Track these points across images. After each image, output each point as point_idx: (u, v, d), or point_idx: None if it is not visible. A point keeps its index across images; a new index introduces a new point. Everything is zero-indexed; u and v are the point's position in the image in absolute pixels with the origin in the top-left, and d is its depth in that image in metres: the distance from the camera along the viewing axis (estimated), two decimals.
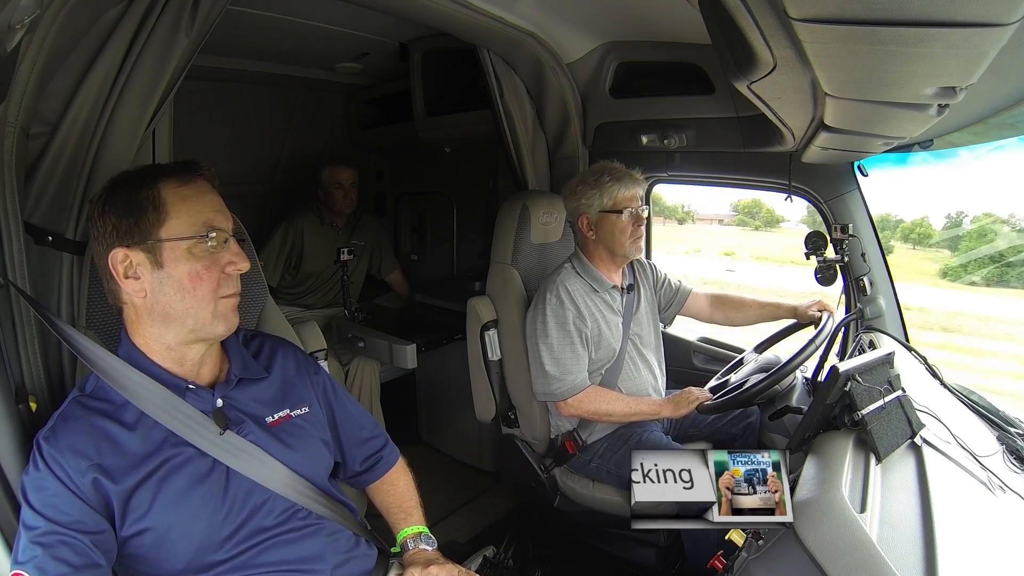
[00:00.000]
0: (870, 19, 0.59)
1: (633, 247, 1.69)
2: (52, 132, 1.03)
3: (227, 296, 0.91)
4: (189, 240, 0.87)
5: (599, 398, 1.66)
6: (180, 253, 0.87)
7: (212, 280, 0.89)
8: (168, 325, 0.90)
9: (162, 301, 0.88)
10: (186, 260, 0.88)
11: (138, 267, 0.88)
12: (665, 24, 1.69)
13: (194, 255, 0.88)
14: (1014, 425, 1.36)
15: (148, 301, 0.89)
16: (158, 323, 0.90)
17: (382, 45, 2.32)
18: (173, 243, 0.87)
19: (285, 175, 3.08)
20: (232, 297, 0.92)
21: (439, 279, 3.06)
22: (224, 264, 0.90)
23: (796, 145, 1.54)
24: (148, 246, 0.87)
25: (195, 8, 1.11)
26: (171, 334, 0.91)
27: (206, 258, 0.89)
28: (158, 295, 0.88)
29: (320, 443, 1.04)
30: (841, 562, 0.74)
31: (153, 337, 0.91)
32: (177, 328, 0.90)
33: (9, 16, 0.71)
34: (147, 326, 0.91)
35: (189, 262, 0.88)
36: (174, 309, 0.88)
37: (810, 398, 1.73)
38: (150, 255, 0.87)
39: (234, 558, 0.89)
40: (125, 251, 0.87)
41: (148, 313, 0.90)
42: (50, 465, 0.82)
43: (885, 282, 1.81)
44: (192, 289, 0.88)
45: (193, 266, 0.88)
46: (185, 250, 0.87)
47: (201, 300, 0.89)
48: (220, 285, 0.90)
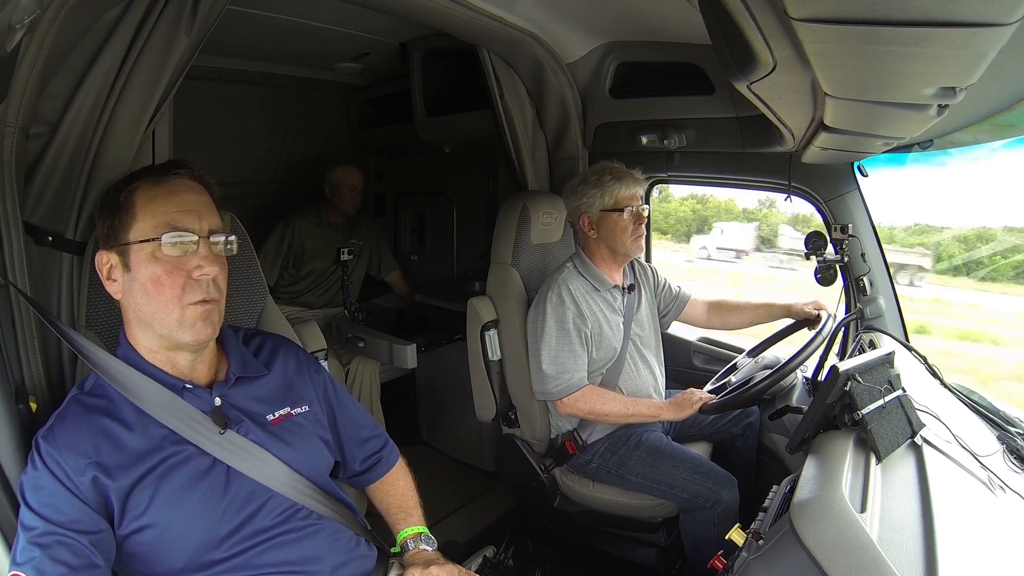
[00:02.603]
0: (870, 19, 0.59)
1: (634, 245, 1.70)
2: (52, 132, 1.03)
3: (195, 303, 0.87)
4: (151, 243, 0.85)
5: (596, 398, 1.66)
6: (144, 256, 0.86)
7: (175, 285, 0.86)
8: (144, 328, 0.90)
9: (132, 304, 0.88)
10: (148, 263, 0.86)
11: (113, 269, 0.88)
12: (665, 24, 1.69)
13: (156, 258, 0.86)
14: (1014, 425, 1.36)
15: (124, 301, 0.90)
16: (137, 325, 0.90)
17: (382, 45, 2.32)
18: (137, 246, 0.86)
19: (285, 175, 3.08)
20: (201, 304, 0.88)
21: (439, 279, 3.07)
22: (191, 268, 0.87)
23: (796, 145, 1.54)
24: (120, 249, 0.87)
25: (195, 8, 1.11)
26: (148, 337, 0.90)
27: (168, 262, 0.86)
28: (128, 298, 0.88)
29: (320, 442, 1.04)
30: (841, 562, 0.74)
31: (138, 338, 0.91)
32: (150, 332, 0.89)
33: (9, 16, 0.71)
34: (132, 327, 0.91)
35: (151, 265, 0.86)
36: (143, 312, 0.88)
37: (810, 398, 1.73)
38: (121, 258, 0.87)
39: (234, 557, 0.89)
40: (106, 253, 0.88)
41: (128, 315, 0.91)
42: (48, 464, 0.81)
43: (885, 282, 1.81)
44: (155, 294, 0.86)
45: (154, 270, 0.85)
46: (148, 253, 0.86)
47: (164, 306, 0.86)
48: (186, 291, 0.87)
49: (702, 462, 1.61)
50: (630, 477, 1.63)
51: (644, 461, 1.62)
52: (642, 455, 1.63)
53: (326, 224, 2.65)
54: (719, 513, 1.52)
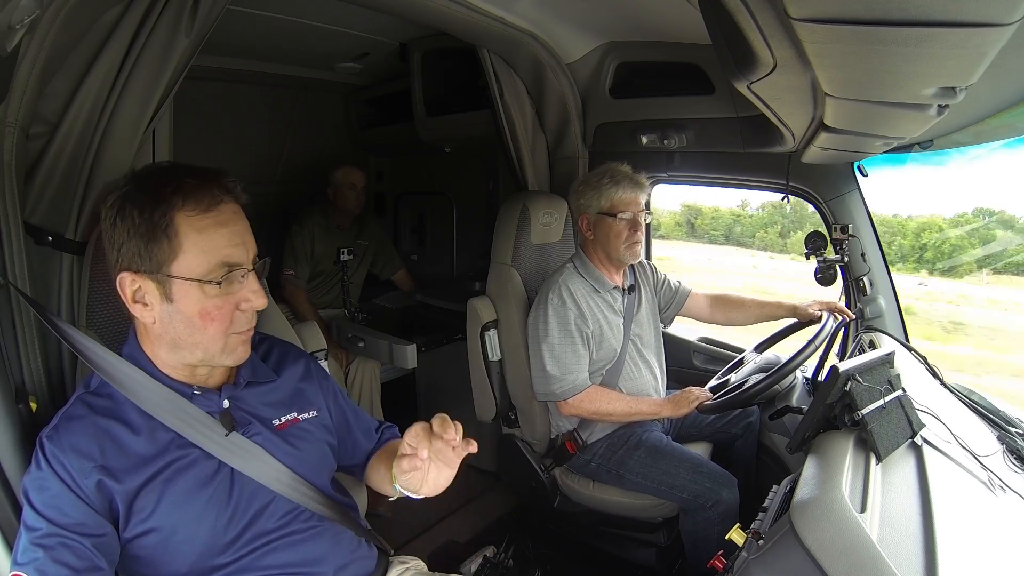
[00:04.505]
0: (870, 19, 0.59)
1: (628, 252, 1.68)
2: (52, 132, 1.03)
3: (239, 332, 0.88)
4: (201, 281, 0.83)
5: (599, 398, 1.66)
6: (191, 290, 0.83)
7: (224, 319, 0.85)
8: (177, 351, 0.87)
9: (171, 332, 0.85)
10: (197, 298, 0.83)
11: (147, 295, 0.84)
12: (665, 24, 1.69)
13: (206, 293, 0.83)
14: (1014, 425, 1.36)
15: (158, 328, 0.86)
16: (167, 346, 0.87)
17: (382, 45, 2.32)
18: (184, 281, 0.82)
19: (285, 175, 3.08)
20: (244, 333, 0.88)
21: (439, 279, 3.06)
22: (239, 300, 0.86)
23: (796, 145, 1.54)
24: (158, 278, 0.82)
25: (195, 8, 1.11)
26: (180, 357, 0.88)
27: (218, 297, 0.84)
28: (167, 326, 0.85)
29: (326, 447, 1.04)
30: (841, 562, 0.74)
31: (162, 356, 0.89)
32: (186, 355, 0.87)
33: (9, 16, 0.71)
34: (157, 346, 0.88)
35: (200, 300, 0.83)
36: (184, 341, 0.86)
37: (810, 398, 1.73)
38: (161, 287, 0.83)
39: (237, 561, 0.89)
40: (137, 279, 0.83)
41: (158, 337, 0.87)
42: (52, 465, 0.81)
43: (885, 282, 1.81)
44: (203, 327, 0.84)
45: (204, 305, 0.83)
46: (197, 287, 0.83)
47: (211, 337, 0.85)
48: (233, 322, 0.86)
49: (702, 462, 1.61)
50: (630, 477, 1.63)
51: (644, 461, 1.62)
52: (642, 455, 1.63)
53: (333, 227, 2.66)
54: (719, 513, 1.52)
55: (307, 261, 2.58)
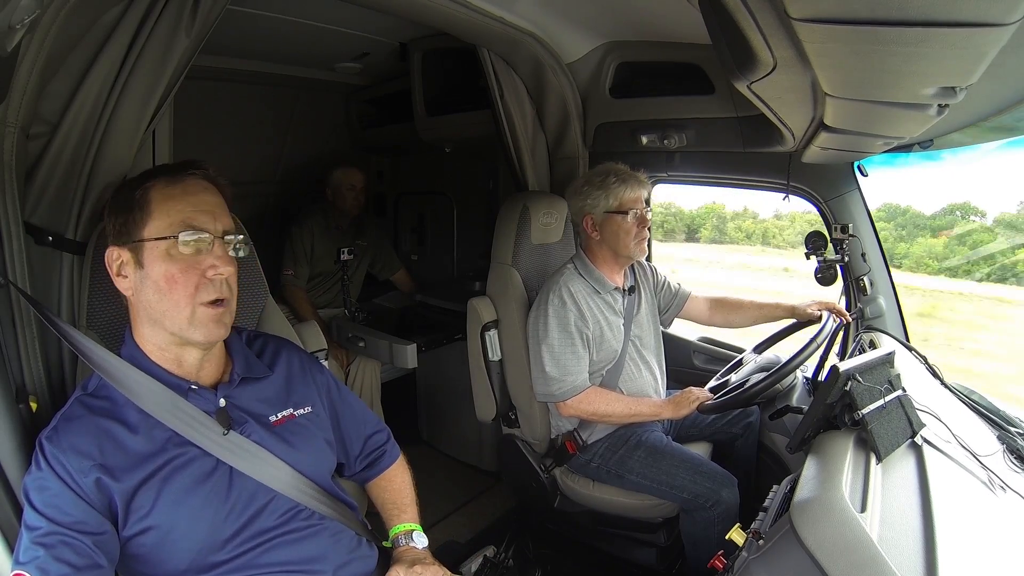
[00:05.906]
0: (870, 19, 0.59)
1: (637, 248, 1.70)
2: (52, 132, 1.03)
3: (206, 303, 0.88)
4: (166, 240, 0.86)
5: (599, 399, 1.66)
6: (158, 254, 0.87)
7: (188, 284, 0.87)
8: (154, 326, 0.90)
9: (143, 301, 0.89)
10: (162, 261, 0.87)
11: (124, 266, 0.89)
12: (665, 24, 1.69)
13: (171, 256, 0.87)
14: (1014, 424, 1.36)
15: (134, 300, 0.90)
16: (146, 323, 0.91)
17: (382, 45, 2.32)
18: (152, 243, 0.87)
19: (285, 175, 3.08)
20: (213, 306, 0.89)
21: (439, 279, 3.06)
22: (205, 268, 0.88)
23: (796, 145, 1.54)
24: (133, 246, 0.87)
25: (195, 8, 1.11)
26: (158, 335, 0.91)
27: (183, 260, 0.87)
28: (140, 295, 0.89)
29: (323, 442, 1.04)
30: (841, 562, 0.74)
31: (147, 337, 0.91)
32: (160, 329, 0.90)
33: (9, 16, 0.71)
34: (141, 324, 0.92)
35: (165, 263, 0.87)
36: (154, 310, 0.88)
37: (810, 398, 1.73)
38: (134, 255, 0.88)
39: (236, 558, 0.89)
40: (117, 250, 0.89)
41: (137, 312, 0.91)
42: (52, 465, 0.82)
43: (885, 282, 1.81)
44: (168, 291, 0.87)
45: (168, 268, 0.87)
46: (163, 251, 0.87)
47: (176, 303, 0.87)
48: (199, 290, 0.88)
49: (702, 462, 1.61)
50: (630, 477, 1.63)
51: (644, 461, 1.62)
52: (642, 455, 1.63)
53: (332, 227, 2.66)
54: (719, 513, 1.52)
55: (307, 261, 2.58)
